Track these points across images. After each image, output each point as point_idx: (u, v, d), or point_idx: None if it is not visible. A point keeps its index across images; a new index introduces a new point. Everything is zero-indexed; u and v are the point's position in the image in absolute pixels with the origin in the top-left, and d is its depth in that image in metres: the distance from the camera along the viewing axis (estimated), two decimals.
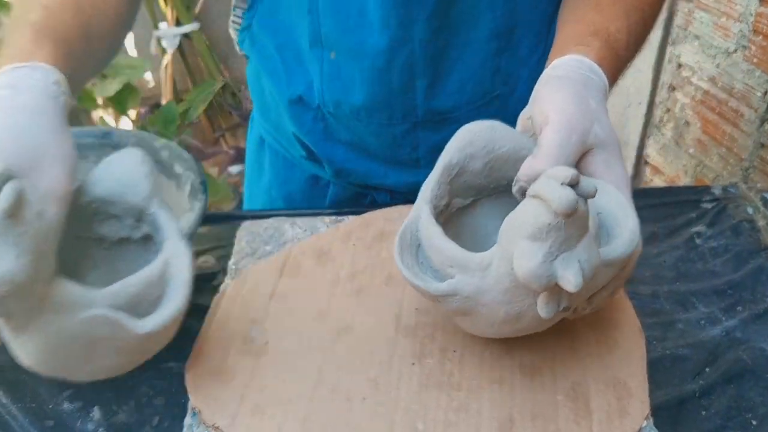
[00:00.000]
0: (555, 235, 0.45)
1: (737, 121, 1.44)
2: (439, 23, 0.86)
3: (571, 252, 0.46)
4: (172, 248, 0.54)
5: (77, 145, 0.90)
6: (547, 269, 0.46)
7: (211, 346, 0.59)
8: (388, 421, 0.53)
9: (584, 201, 0.46)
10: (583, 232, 0.47)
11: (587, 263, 0.46)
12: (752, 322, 0.80)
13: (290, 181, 1.10)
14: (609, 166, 0.58)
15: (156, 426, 0.69)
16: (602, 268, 0.50)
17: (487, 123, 0.59)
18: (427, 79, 0.91)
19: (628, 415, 0.53)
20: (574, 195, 0.44)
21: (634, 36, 0.74)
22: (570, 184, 0.44)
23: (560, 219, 0.45)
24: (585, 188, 0.45)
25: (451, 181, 0.59)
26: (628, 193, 0.58)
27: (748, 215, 0.96)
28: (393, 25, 0.85)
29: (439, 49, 0.89)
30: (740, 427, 0.69)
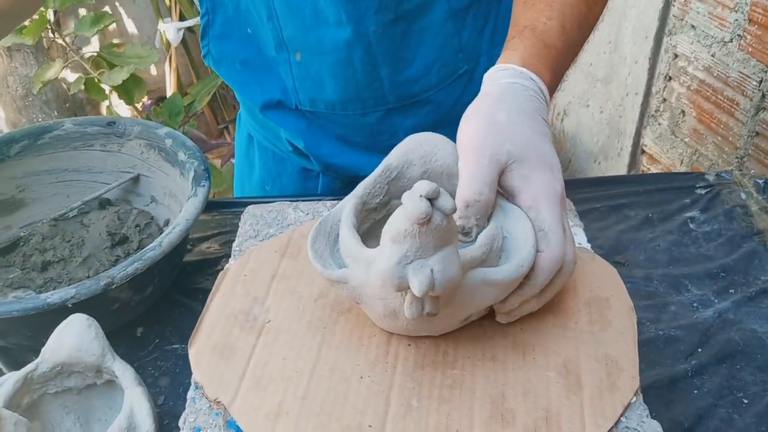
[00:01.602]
0: (411, 241, 0.49)
1: (732, 110, 1.45)
2: (392, 15, 0.88)
3: (426, 260, 0.49)
4: (132, 398, 0.62)
5: (82, 134, 0.93)
6: (399, 271, 0.49)
7: (214, 323, 0.61)
8: (384, 398, 0.55)
9: (444, 216, 0.48)
10: (443, 243, 0.50)
11: (440, 273, 0.49)
12: (744, 304, 0.82)
13: (282, 174, 1.12)
14: (526, 180, 0.58)
15: (161, 405, 0.71)
16: (484, 287, 0.54)
17: (431, 136, 0.63)
18: (390, 68, 0.92)
19: (618, 390, 0.55)
20: (427, 207, 0.47)
21: (570, 17, 0.72)
22: (428, 197, 0.47)
23: (415, 226, 0.48)
24: (443, 204, 0.48)
25: (390, 182, 0.63)
26: (549, 205, 0.57)
27: (741, 200, 0.97)
28: (345, 21, 0.87)
29: (397, 38, 0.90)
30: (731, 405, 0.71)
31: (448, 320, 0.57)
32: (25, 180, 0.93)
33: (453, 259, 0.50)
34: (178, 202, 0.88)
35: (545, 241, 0.56)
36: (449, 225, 0.49)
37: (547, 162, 0.59)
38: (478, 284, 0.54)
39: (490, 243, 0.55)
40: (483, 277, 0.54)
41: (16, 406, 0.63)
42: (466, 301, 0.55)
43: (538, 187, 0.58)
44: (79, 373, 0.65)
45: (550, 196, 0.57)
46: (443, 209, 0.48)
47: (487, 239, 0.55)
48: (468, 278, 0.53)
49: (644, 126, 1.81)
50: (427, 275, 0.49)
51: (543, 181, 0.58)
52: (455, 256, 0.51)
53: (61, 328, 0.64)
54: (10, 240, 0.88)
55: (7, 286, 0.83)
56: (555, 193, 0.58)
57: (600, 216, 0.96)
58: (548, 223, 0.56)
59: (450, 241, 0.50)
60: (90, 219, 0.89)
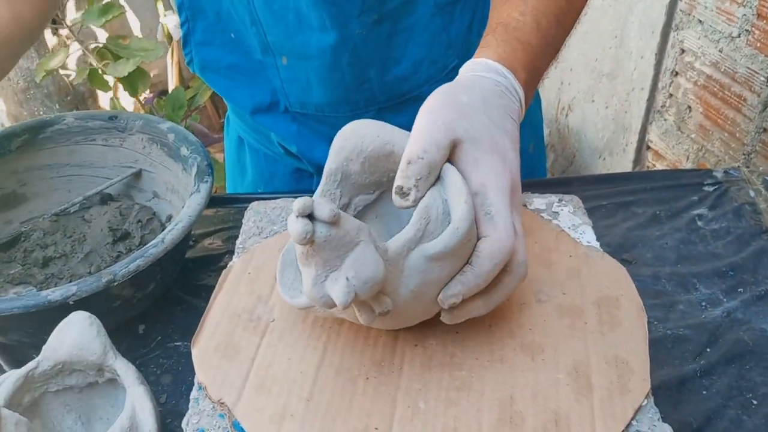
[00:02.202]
0: (314, 260, 0.48)
1: (740, 106, 1.44)
2: (375, 15, 0.86)
3: (338, 270, 0.48)
4: (134, 397, 0.61)
5: (83, 128, 0.92)
6: (320, 291, 0.49)
7: (217, 321, 0.60)
8: (390, 400, 0.54)
9: (327, 225, 0.47)
10: (348, 248, 0.48)
11: (356, 278, 0.48)
12: (753, 303, 0.81)
13: (275, 176, 1.11)
14: (476, 163, 0.55)
15: (164, 404, 0.70)
16: (430, 264, 0.52)
17: (353, 125, 0.61)
18: (379, 68, 0.91)
19: (629, 392, 0.54)
20: (304, 225, 0.46)
21: (546, 12, 0.70)
22: (303, 215, 0.46)
23: (306, 247, 0.47)
24: (319, 214, 0.47)
25: (340, 186, 0.61)
26: (497, 191, 0.54)
27: (749, 198, 0.96)
28: (329, 26, 0.85)
29: (384, 38, 0.89)
30: (741, 406, 0.70)
31: (416, 306, 0.54)
32: (26, 175, 0.92)
33: (366, 258, 0.49)
34: (181, 198, 0.87)
35: (491, 224, 0.53)
36: (344, 228, 0.48)
37: (501, 152, 0.57)
38: (422, 263, 0.52)
39: (425, 217, 0.53)
40: (424, 253, 0.52)
41: (17, 404, 0.62)
42: (419, 284, 0.52)
43: (488, 173, 0.55)
44: (81, 371, 0.65)
45: (499, 183, 0.55)
46: (322, 218, 0.47)
47: (420, 213, 0.53)
48: (411, 261, 0.52)
49: (650, 122, 1.80)
50: (344, 285, 0.48)
51: (493, 168, 0.55)
52: (367, 253, 0.49)
53: (62, 325, 0.64)
54: (11, 235, 0.87)
55: (8, 282, 0.82)
56: (505, 182, 0.55)
57: (607, 213, 0.95)
58: (495, 208, 0.53)
59: (355, 241, 0.49)
60: (91, 214, 0.88)
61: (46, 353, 0.63)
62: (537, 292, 0.63)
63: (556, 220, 0.73)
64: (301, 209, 0.46)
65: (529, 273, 0.64)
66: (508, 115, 0.61)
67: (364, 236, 0.49)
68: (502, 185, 0.55)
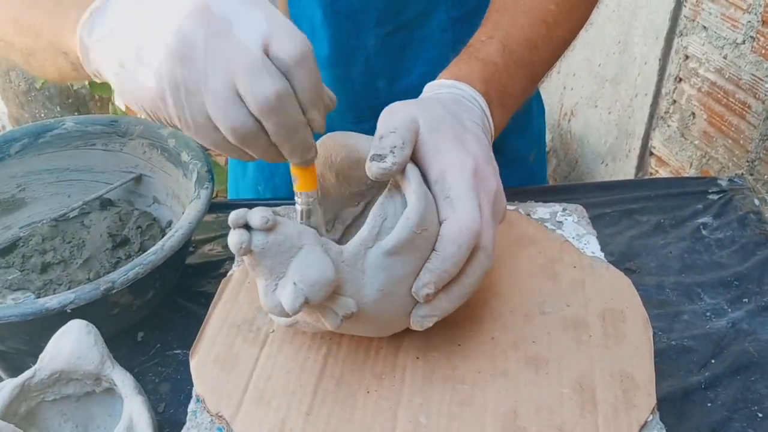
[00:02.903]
0: (260, 270, 0.48)
1: (744, 113, 1.43)
2: (391, 27, 0.86)
3: (285, 278, 0.48)
4: (132, 407, 0.60)
5: (83, 133, 0.91)
6: (272, 300, 0.49)
7: (216, 332, 0.59)
8: (391, 414, 0.53)
9: (263, 233, 0.47)
10: (291, 253, 0.48)
11: (303, 282, 0.47)
12: (758, 313, 0.80)
13: (275, 174, 1.10)
14: (437, 152, 0.55)
15: (162, 413, 0.69)
16: (389, 260, 0.51)
17: (319, 141, 0.60)
18: (388, 78, 0.91)
19: (634, 407, 0.53)
20: (240, 236, 0.46)
21: (520, 38, 0.72)
22: (238, 225, 0.47)
23: (247, 258, 0.47)
24: (253, 222, 0.47)
25: (322, 202, 0.60)
26: (456, 174, 0.54)
27: (754, 207, 0.96)
28: (343, 38, 0.85)
29: (396, 49, 0.89)
30: (746, 419, 0.69)
31: (389, 304, 0.53)
32: (25, 179, 0.91)
33: (311, 260, 0.48)
34: (181, 204, 0.87)
35: (449, 207, 0.52)
36: (282, 233, 0.48)
37: (461, 141, 0.57)
38: (382, 260, 0.51)
39: (380, 213, 0.52)
40: (381, 250, 0.51)
41: (14, 414, 0.61)
42: (386, 282, 0.51)
43: (446, 159, 0.55)
44: (78, 380, 0.64)
45: (458, 167, 0.54)
46: (256, 226, 0.47)
47: (376, 211, 0.52)
48: (370, 259, 0.51)
49: (653, 128, 1.79)
50: (291, 290, 0.47)
51: (453, 154, 0.55)
52: (313, 255, 0.48)
53: (60, 334, 0.63)
54: (9, 240, 0.87)
55: (6, 287, 0.82)
56: (465, 166, 0.54)
57: (611, 221, 0.95)
58: (454, 191, 0.53)
59: (298, 245, 0.48)
60: (91, 220, 0.87)
61: (43, 362, 0.62)
62: (541, 304, 0.62)
63: (560, 229, 0.73)
64: (234, 221, 0.46)
65: (533, 284, 0.63)
66: (467, 116, 0.61)
67: (308, 240, 0.49)
68: (464, 170, 0.54)
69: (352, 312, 0.50)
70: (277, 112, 0.49)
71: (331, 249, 0.50)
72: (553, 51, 0.76)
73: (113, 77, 0.53)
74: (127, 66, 0.51)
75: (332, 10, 0.82)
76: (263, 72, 0.48)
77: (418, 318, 0.54)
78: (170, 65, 0.48)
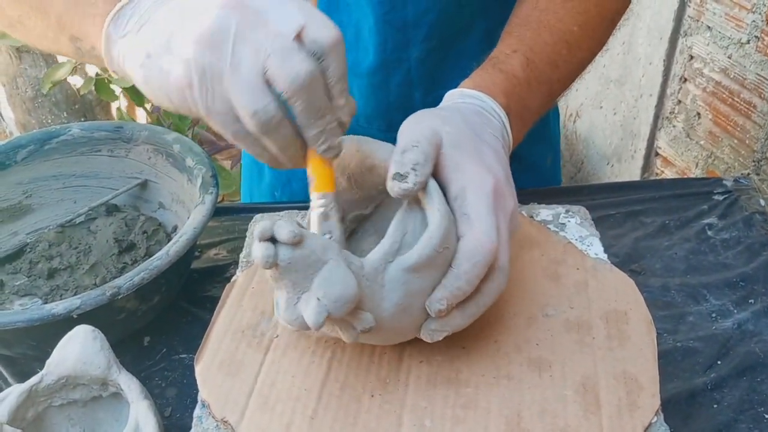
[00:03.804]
0: (283, 283, 0.48)
1: (749, 113, 1.43)
2: (436, 41, 0.87)
3: (309, 292, 0.48)
4: (138, 411, 0.61)
5: (89, 139, 0.91)
6: (293, 313, 0.49)
7: (221, 338, 0.59)
8: (396, 418, 0.53)
9: (290, 247, 0.47)
10: (315, 268, 0.48)
11: (326, 297, 0.47)
12: (764, 314, 0.80)
13: (292, 180, 1.10)
14: (457, 168, 0.55)
15: (168, 417, 0.70)
16: (408, 276, 0.51)
17: None
18: (424, 90, 0.91)
19: (639, 409, 0.53)
20: (266, 249, 0.46)
21: (541, 53, 0.72)
22: (264, 239, 0.46)
23: (272, 271, 0.47)
24: (280, 236, 0.47)
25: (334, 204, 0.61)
26: (476, 192, 0.54)
27: (760, 207, 0.95)
28: (389, 49, 0.85)
29: (436, 62, 0.89)
30: (752, 420, 0.69)
31: (404, 319, 0.54)
32: (32, 186, 0.92)
33: (335, 276, 0.48)
34: (186, 209, 0.87)
35: (467, 224, 0.52)
36: (308, 248, 0.48)
37: (482, 158, 0.57)
38: (402, 276, 0.51)
39: (400, 228, 0.52)
40: (401, 266, 0.51)
41: (21, 419, 0.62)
42: (402, 296, 0.52)
43: (467, 176, 0.55)
44: (85, 385, 0.65)
45: (478, 184, 0.54)
46: (283, 240, 0.47)
47: (396, 225, 0.52)
48: (390, 274, 0.51)
49: (658, 128, 1.79)
50: (314, 306, 0.47)
51: (474, 172, 0.55)
52: (337, 271, 0.48)
53: (66, 340, 0.63)
54: (16, 247, 0.87)
55: (14, 293, 0.82)
56: (485, 184, 0.54)
57: (615, 223, 0.95)
58: (472, 208, 0.53)
59: (323, 260, 0.48)
60: (97, 225, 0.88)
61: (50, 367, 0.63)
62: (544, 306, 0.62)
63: (563, 231, 0.73)
64: (261, 233, 0.46)
65: (536, 286, 0.63)
66: (487, 129, 0.61)
67: (333, 254, 0.49)
68: (484, 188, 0.54)
69: (371, 327, 0.51)
70: (307, 91, 0.49)
71: (353, 263, 0.50)
72: (573, 72, 0.77)
73: (139, 68, 0.53)
74: (155, 55, 0.51)
75: (384, 21, 0.82)
76: (295, 53, 0.48)
77: (429, 331, 0.54)
78: (199, 52, 0.49)
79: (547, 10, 0.76)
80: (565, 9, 0.76)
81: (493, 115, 0.64)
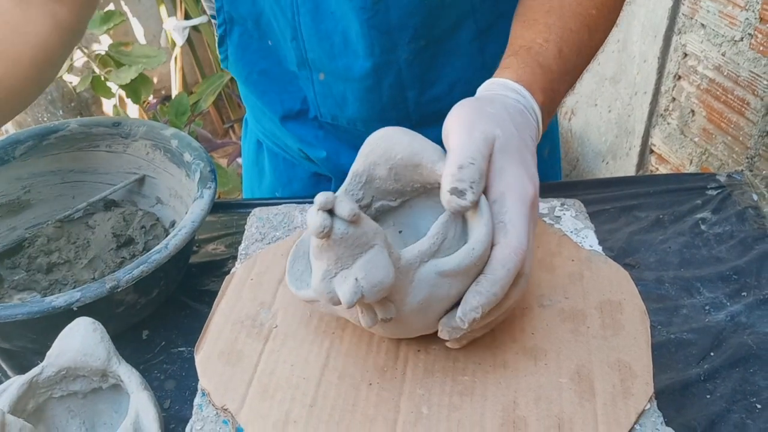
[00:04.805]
0: (326, 255, 0.48)
1: (743, 110, 1.44)
2: (423, 41, 0.87)
3: (349, 270, 0.49)
4: (138, 402, 0.61)
5: (87, 134, 0.92)
6: (327, 286, 0.49)
7: (220, 328, 0.60)
8: (393, 405, 0.54)
9: (346, 223, 0.47)
10: (362, 249, 0.49)
11: (365, 280, 0.48)
12: (757, 307, 0.81)
13: (294, 180, 1.11)
14: (500, 173, 0.56)
15: (167, 409, 0.70)
16: (440, 279, 0.52)
17: (384, 131, 0.61)
18: (417, 89, 0.92)
19: (632, 396, 0.54)
20: (323, 219, 0.46)
21: (570, 42, 0.72)
22: (324, 209, 0.47)
23: (322, 241, 0.47)
24: (340, 212, 0.47)
25: (363, 187, 0.62)
26: (515, 200, 0.55)
27: (753, 202, 0.96)
28: (377, 52, 0.85)
29: (426, 61, 0.89)
30: (745, 410, 0.70)
31: (422, 318, 0.54)
32: (31, 181, 0.92)
33: (378, 262, 0.49)
34: (184, 204, 0.87)
35: (503, 232, 0.53)
36: (362, 229, 0.48)
37: (525, 164, 0.57)
38: (433, 278, 0.52)
39: (442, 232, 0.53)
40: (435, 268, 0.52)
41: (21, 410, 0.62)
42: (427, 297, 0.52)
43: (509, 182, 0.55)
44: (85, 377, 0.65)
45: (518, 192, 0.55)
46: (342, 216, 0.47)
47: (438, 228, 0.53)
48: (422, 273, 0.52)
49: (653, 125, 1.80)
50: (351, 285, 0.48)
51: (515, 178, 0.55)
52: (380, 257, 0.49)
53: (66, 331, 0.64)
54: (15, 241, 0.88)
55: (13, 288, 0.83)
56: (525, 192, 0.55)
57: (610, 217, 0.95)
58: (509, 216, 0.54)
59: (370, 244, 0.49)
60: (95, 220, 0.88)
61: (50, 359, 0.63)
62: (540, 297, 0.63)
63: (558, 224, 0.73)
64: (323, 203, 0.46)
65: (532, 277, 0.64)
66: (527, 131, 0.61)
67: (380, 240, 0.49)
68: (522, 196, 0.55)
69: (391, 318, 0.51)
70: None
71: (392, 253, 0.51)
72: (592, 56, 0.77)
73: None
74: None
75: (369, 26, 0.83)
76: None
77: (448, 328, 0.54)
78: None
79: None
80: None
81: (532, 115, 0.64)
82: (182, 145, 0.88)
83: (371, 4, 0.81)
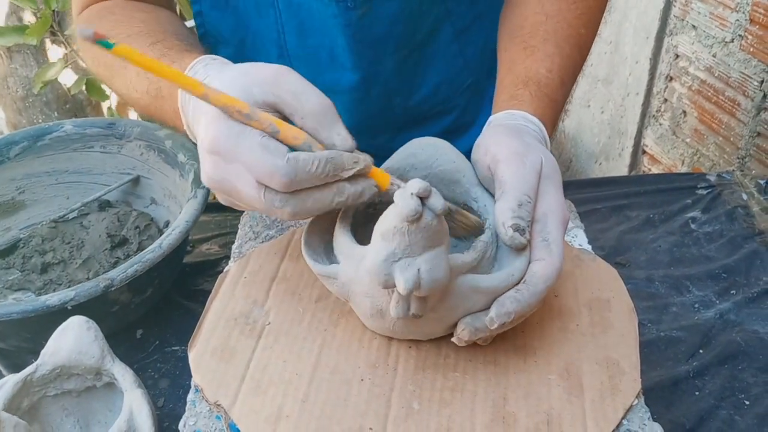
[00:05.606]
0: (400, 239, 0.49)
1: (734, 111, 1.45)
2: (407, 50, 0.89)
3: (414, 258, 0.49)
4: (132, 400, 0.62)
5: (81, 135, 0.92)
6: (386, 268, 0.49)
7: (214, 326, 0.60)
8: (384, 401, 0.54)
9: (434, 215, 0.48)
10: (433, 244, 0.49)
11: (427, 273, 0.49)
12: (746, 305, 0.82)
13: None
14: (544, 195, 0.58)
15: (161, 407, 0.71)
16: (472, 293, 0.53)
17: (434, 141, 0.63)
18: (403, 95, 0.93)
19: (620, 392, 0.54)
20: (417, 205, 0.47)
21: (568, 69, 0.74)
22: (419, 195, 0.48)
23: (405, 224, 0.48)
24: (433, 204, 0.48)
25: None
26: (556, 222, 0.57)
27: (742, 201, 0.97)
28: (364, 66, 0.87)
29: (411, 68, 0.91)
30: (733, 407, 0.71)
31: (435, 324, 0.56)
32: (25, 182, 0.93)
33: (441, 260, 0.50)
34: (178, 204, 0.88)
35: (547, 250, 0.55)
36: (439, 226, 0.49)
37: (561, 190, 0.60)
38: (466, 290, 0.53)
39: (483, 249, 0.55)
40: (472, 283, 0.53)
41: (16, 408, 0.62)
42: (453, 307, 0.54)
43: (552, 204, 0.57)
44: (79, 375, 0.65)
45: (559, 216, 0.57)
46: (434, 208, 0.48)
47: (482, 245, 0.55)
48: (457, 283, 0.53)
49: (645, 126, 1.81)
50: (413, 274, 0.48)
51: (557, 201, 0.58)
52: (444, 258, 0.50)
53: (60, 330, 0.64)
54: (9, 242, 0.88)
55: (7, 287, 0.83)
56: (564, 216, 0.58)
57: (601, 217, 0.96)
58: (553, 236, 0.56)
59: (440, 242, 0.50)
60: (90, 221, 0.89)
61: (45, 358, 0.64)
62: None
63: None
64: (420, 190, 0.47)
65: None
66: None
67: (446, 242, 0.51)
68: (563, 219, 0.57)
69: (421, 316, 0.52)
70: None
71: (449, 258, 0.52)
72: (579, 71, 0.79)
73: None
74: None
75: (355, 40, 0.84)
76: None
77: (471, 328, 0.55)
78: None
79: (556, 16, 0.77)
80: (572, 12, 0.78)
81: (546, 148, 0.66)
82: (176, 145, 0.89)
83: (356, 20, 0.82)
